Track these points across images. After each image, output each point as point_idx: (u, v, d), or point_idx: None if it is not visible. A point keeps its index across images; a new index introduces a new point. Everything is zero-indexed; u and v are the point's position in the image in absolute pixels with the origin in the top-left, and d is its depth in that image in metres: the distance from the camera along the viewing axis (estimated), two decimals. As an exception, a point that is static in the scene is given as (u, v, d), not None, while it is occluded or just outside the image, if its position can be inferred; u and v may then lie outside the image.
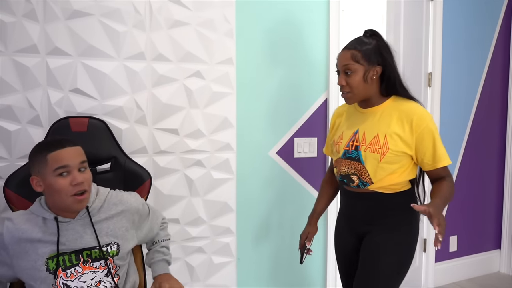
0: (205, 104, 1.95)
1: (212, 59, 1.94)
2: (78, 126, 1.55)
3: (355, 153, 1.49)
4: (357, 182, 1.50)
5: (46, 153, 1.21)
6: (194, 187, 1.95)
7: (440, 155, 1.45)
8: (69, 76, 1.69)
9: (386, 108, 1.48)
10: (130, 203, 1.37)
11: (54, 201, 1.23)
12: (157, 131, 1.86)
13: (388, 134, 1.44)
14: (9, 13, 1.58)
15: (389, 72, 1.47)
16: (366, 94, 1.48)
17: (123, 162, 1.58)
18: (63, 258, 1.23)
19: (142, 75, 1.81)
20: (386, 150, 1.43)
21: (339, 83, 1.48)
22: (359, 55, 1.43)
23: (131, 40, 1.78)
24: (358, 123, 1.52)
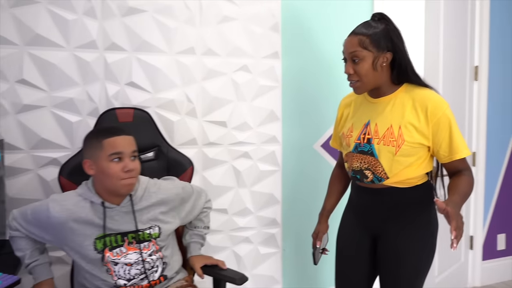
0: (252, 97, 1.99)
1: (258, 53, 1.98)
2: (124, 116, 1.62)
3: (368, 146, 1.38)
4: (371, 178, 1.39)
5: (102, 138, 1.28)
6: (241, 179, 2.00)
7: (457, 146, 1.33)
8: (125, 70, 1.77)
9: (399, 97, 1.37)
10: (168, 190, 1.44)
11: (103, 184, 1.30)
12: (206, 123, 1.92)
13: (402, 125, 1.33)
14: (71, 11, 1.68)
15: (400, 58, 1.35)
16: (376, 83, 1.36)
17: (166, 151, 1.65)
18: (110, 239, 1.31)
19: (192, 69, 1.88)
20: (401, 142, 1.32)
21: (346, 71, 1.36)
22: (367, 40, 1.31)
23: (182, 36, 1.85)
24: (369, 114, 1.41)
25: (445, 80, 2.27)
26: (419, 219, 1.40)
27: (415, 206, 1.40)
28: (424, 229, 1.41)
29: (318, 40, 2.16)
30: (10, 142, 1.63)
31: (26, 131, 1.65)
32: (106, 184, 1.30)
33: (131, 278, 1.33)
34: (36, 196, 1.67)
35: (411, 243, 1.39)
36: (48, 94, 1.67)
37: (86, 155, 1.32)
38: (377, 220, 1.43)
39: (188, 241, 1.55)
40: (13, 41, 1.61)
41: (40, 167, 1.68)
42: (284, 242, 2.12)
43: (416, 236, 1.39)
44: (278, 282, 2.12)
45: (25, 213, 1.34)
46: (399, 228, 1.40)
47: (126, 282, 1.32)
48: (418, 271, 1.40)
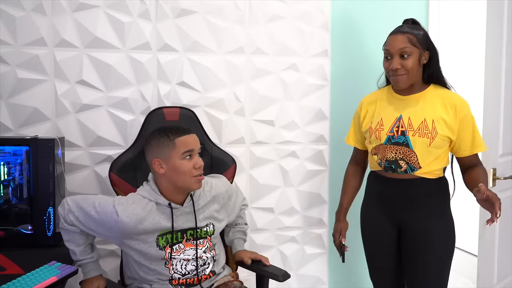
0: (300, 96, 1.98)
1: (307, 51, 1.97)
2: (171, 115, 1.66)
3: (403, 138, 1.49)
4: (405, 167, 1.50)
5: (174, 137, 1.31)
6: (288, 178, 1.99)
7: (478, 141, 1.50)
8: (176, 70, 1.82)
9: (428, 95, 1.51)
10: (218, 187, 1.47)
11: (174, 182, 1.32)
12: (254, 122, 1.93)
13: (435, 119, 1.47)
14: (127, 13, 1.75)
15: (434, 59, 1.51)
16: (416, 79, 1.50)
17: (210, 149, 1.68)
18: (172, 236, 1.35)
19: (241, 68, 1.89)
20: (435, 134, 1.46)
21: (394, 66, 1.47)
22: (414, 39, 1.46)
23: (232, 35, 1.87)
24: (400, 109, 1.53)
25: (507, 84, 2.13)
26: (441, 209, 1.54)
27: (437, 197, 1.53)
28: (446, 218, 1.54)
29: (368, 39, 2.11)
30: (70, 139, 1.73)
31: (84, 129, 1.74)
32: (178, 182, 1.32)
33: (185, 273, 1.37)
34: (92, 191, 1.77)
35: (438, 230, 1.51)
36: (105, 94, 1.75)
37: (155, 154, 1.32)
38: (403, 210, 1.53)
39: (231, 238, 1.59)
40: (74, 43, 1.70)
41: (97, 163, 1.77)
42: (331, 243, 2.10)
43: (441, 223, 1.52)
44: (324, 283, 2.10)
45: (84, 208, 1.32)
46: (425, 216, 1.51)
47: (180, 276, 1.36)
48: (447, 257, 1.52)
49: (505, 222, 2.14)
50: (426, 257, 1.50)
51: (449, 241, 1.53)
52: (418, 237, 1.51)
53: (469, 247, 3.55)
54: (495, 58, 2.03)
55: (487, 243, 2.03)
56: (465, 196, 1.65)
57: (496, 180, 1.98)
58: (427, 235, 1.50)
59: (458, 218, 3.92)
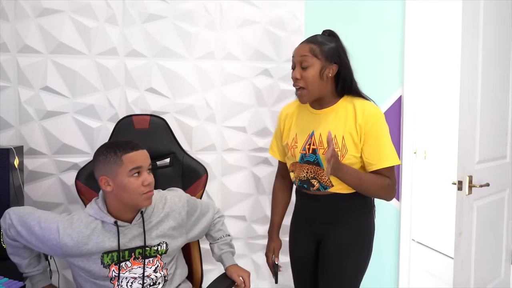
0: (273, 102, 1.95)
1: (281, 57, 1.94)
2: (140, 123, 1.63)
3: (313, 156, 1.43)
4: (317, 186, 1.45)
5: (121, 154, 1.25)
6: (261, 185, 1.96)
7: (387, 154, 1.40)
8: (144, 76, 1.78)
9: (340, 107, 1.44)
10: (174, 202, 1.40)
11: (122, 200, 1.27)
12: (226, 129, 1.90)
13: (345, 135, 1.40)
14: (93, 18, 1.71)
15: (345, 73, 1.43)
16: (320, 92, 1.42)
17: (181, 158, 1.64)
18: (118, 254, 1.29)
19: (212, 74, 1.86)
20: (345, 152, 1.39)
21: (294, 75, 1.42)
22: (317, 49, 1.39)
23: (202, 40, 1.83)
24: (313, 124, 1.46)
25: (484, 89, 2.10)
26: (359, 222, 1.48)
27: (356, 210, 1.47)
28: (363, 232, 1.49)
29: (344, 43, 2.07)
30: (34, 147, 1.69)
31: (49, 137, 1.70)
32: (126, 200, 1.27)
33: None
34: (57, 199, 1.73)
35: (351, 244, 1.46)
36: (71, 101, 1.71)
37: (102, 172, 1.26)
38: (322, 225, 1.49)
39: (218, 254, 1.53)
40: (38, 49, 1.67)
41: (62, 171, 1.73)
42: (306, 251, 2.07)
43: (356, 238, 1.47)
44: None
45: (28, 223, 1.28)
46: (341, 231, 1.46)
47: None
48: (358, 271, 1.48)
49: (482, 229, 2.12)
50: (338, 270, 1.45)
51: (363, 255, 1.48)
52: (331, 250, 1.46)
53: (444, 249, 3.54)
54: (471, 62, 2.00)
55: (464, 251, 2.00)
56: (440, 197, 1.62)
57: (472, 188, 1.95)
58: (339, 248, 1.45)
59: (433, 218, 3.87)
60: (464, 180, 1.93)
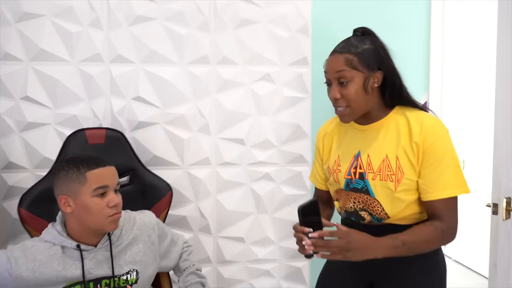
0: (275, 110, 1.74)
1: (284, 59, 1.73)
2: (95, 138, 1.48)
3: (361, 183, 1.18)
4: (369, 219, 1.18)
5: (85, 170, 1.10)
6: (262, 203, 1.76)
7: (447, 181, 1.09)
8: (131, 84, 1.64)
9: (392, 121, 1.18)
10: (143, 224, 1.25)
11: (84, 223, 1.12)
12: (221, 141, 1.71)
13: (400, 155, 1.13)
14: (76, 22, 1.59)
15: (392, 78, 1.17)
16: (367, 107, 1.17)
17: (142, 175, 1.48)
18: (82, 286, 1.14)
19: (205, 80, 1.69)
20: (400, 175, 1.12)
21: (332, 96, 1.16)
22: (355, 59, 1.13)
23: (194, 43, 1.67)
24: (358, 143, 1.21)
25: None
26: (425, 261, 1.17)
27: None
28: (431, 273, 1.19)
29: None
30: (14, 161, 1.58)
31: (30, 150, 1.59)
32: (89, 223, 1.12)
33: None
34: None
35: None
36: (52, 111, 1.60)
37: (62, 190, 1.11)
38: (376, 263, 1.11)
39: (184, 285, 1.33)
40: (18, 57, 1.56)
41: (42, 187, 1.61)
42: (313, 278, 1.83)
43: (423, 280, 1.17)
44: (307, 322, 1.84)
45: None
46: (403, 272, 1.17)
47: None
48: None
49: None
50: None
51: None
52: None
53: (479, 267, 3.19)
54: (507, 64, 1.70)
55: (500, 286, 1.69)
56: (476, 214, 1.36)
57: (511, 212, 1.64)
58: None
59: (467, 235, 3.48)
60: (500, 202, 1.62)
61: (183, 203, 1.69)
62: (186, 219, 1.69)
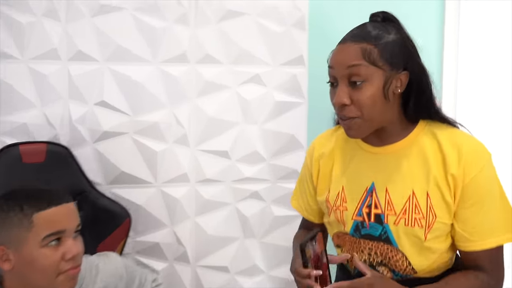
0: (265, 118, 1.50)
1: (276, 58, 1.49)
2: (32, 156, 1.22)
3: (379, 228, 0.89)
4: (390, 276, 0.92)
5: (31, 211, 0.82)
6: (249, 226, 1.52)
7: (494, 225, 0.84)
8: (94, 86, 1.39)
9: (417, 143, 0.89)
10: (109, 272, 0.99)
11: (29, 282, 0.84)
12: (202, 154, 1.47)
13: (431, 192, 0.86)
14: (30, 13, 1.33)
15: (420, 82, 0.87)
16: (384, 120, 0.88)
17: (94, 199, 1.23)
18: None
19: (184, 82, 1.44)
20: (432, 218, 0.85)
21: (338, 100, 0.86)
22: (375, 51, 0.83)
23: (171, 38, 1.42)
24: (371, 172, 0.92)
25: None
26: None
27: None
28: None
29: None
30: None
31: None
32: (35, 282, 0.84)
33: None
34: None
35: None
36: (-3, 118, 1.34)
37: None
38: None
39: None
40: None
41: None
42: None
43: None
44: None
45: None
46: None
47: None
48: None
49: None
50: None
51: None
52: None
53: None
54: None
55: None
56: None
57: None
58: None
59: None
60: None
61: (156, 227, 1.44)
62: (159, 246, 1.44)
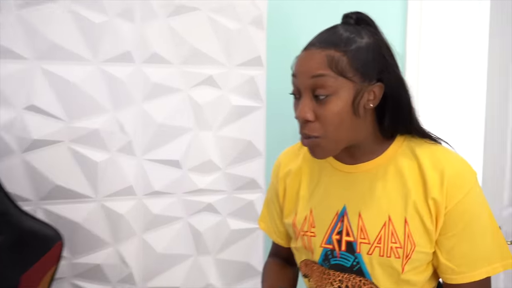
0: (220, 123, 1.37)
1: (232, 59, 1.37)
2: None
3: (351, 258, 0.79)
4: None
5: None
6: (203, 242, 1.39)
7: (484, 254, 0.75)
8: (23, 88, 1.20)
9: (394, 162, 0.79)
10: None
11: None
12: (150, 164, 1.32)
13: (410, 217, 0.76)
14: None
15: (397, 94, 0.76)
16: (354, 138, 0.78)
17: (17, 221, 1.06)
18: None
19: (128, 83, 1.29)
20: (411, 247, 0.75)
21: (301, 115, 0.74)
22: (344, 60, 0.72)
23: (114, 35, 1.26)
24: (342, 194, 0.82)
25: None
26: None
27: None
28: None
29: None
30: None
31: None
32: None
33: None
34: None
35: None
36: None
37: None
38: None
39: None
40: None
41: None
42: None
43: None
44: None
45: None
46: None
47: None
48: None
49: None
50: None
51: None
52: None
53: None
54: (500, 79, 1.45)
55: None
56: None
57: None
58: None
59: None
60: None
61: (97, 247, 1.28)
62: (101, 268, 1.28)
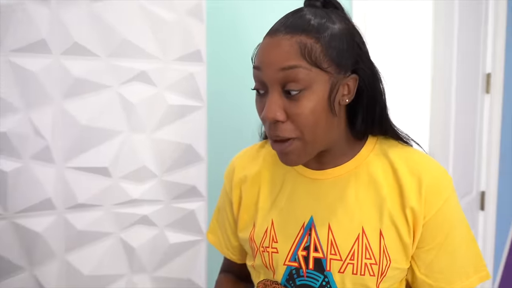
0: (155, 125, 1.22)
1: (168, 52, 1.22)
2: None
3: (320, 276, 0.70)
4: None
5: None
6: (137, 259, 1.23)
7: (463, 266, 0.70)
8: None
9: (367, 166, 0.72)
10: None
11: None
12: (72, 172, 1.14)
13: (385, 229, 0.69)
14: None
15: (372, 88, 0.69)
16: (330, 141, 0.70)
17: None
18: None
19: (44, 78, 1.09)
20: (386, 263, 0.68)
21: (269, 115, 0.64)
22: (317, 47, 0.62)
23: (25, 21, 1.06)
24: (309, 203, 0.73)
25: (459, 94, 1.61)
26: None
27: None
28: None
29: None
30: None
31: None
32: None
33: None
34: None
35: None
36: None
37: None
38: None
39: None
40: None
41: None
42: None
43: None
44: None
45: None
46: None
47: None
48: None
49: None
50: None
51: None
52: None
53: None
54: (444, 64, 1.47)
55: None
56: None
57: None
58: None
59: None
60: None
61: (9, 272, 1.08)
62: (13, 298, 1.08)
